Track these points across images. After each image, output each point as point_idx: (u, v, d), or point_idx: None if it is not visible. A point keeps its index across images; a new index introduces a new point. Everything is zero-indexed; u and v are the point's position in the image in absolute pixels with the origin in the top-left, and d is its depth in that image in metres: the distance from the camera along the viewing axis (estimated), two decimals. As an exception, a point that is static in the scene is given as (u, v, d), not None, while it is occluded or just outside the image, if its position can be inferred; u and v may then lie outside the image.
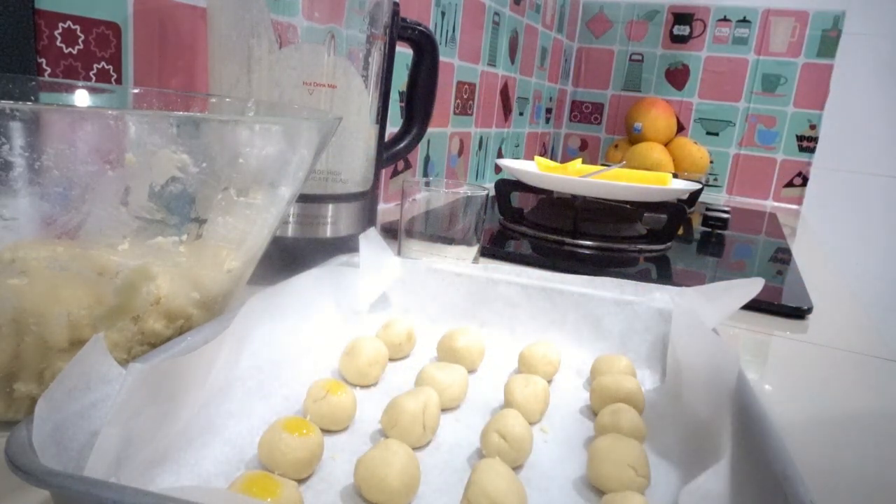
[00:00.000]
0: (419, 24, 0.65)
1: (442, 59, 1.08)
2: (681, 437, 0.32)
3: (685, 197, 0.89)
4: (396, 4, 0.59)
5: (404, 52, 0.84)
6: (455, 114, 1.18)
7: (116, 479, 0.22)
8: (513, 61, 1.39)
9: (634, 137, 1.55)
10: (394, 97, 0.96)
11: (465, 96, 1.21)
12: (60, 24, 0.49)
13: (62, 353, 0.28)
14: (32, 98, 0.42)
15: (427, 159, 1.12)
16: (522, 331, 0.43)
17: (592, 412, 0.36)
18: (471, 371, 0.40)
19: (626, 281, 0.43)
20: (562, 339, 0.42)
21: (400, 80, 0.93)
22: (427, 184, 0.59)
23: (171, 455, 0.26)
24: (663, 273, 0.75)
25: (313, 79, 0.51)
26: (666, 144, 1.54)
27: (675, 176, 1.35)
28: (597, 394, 0.36)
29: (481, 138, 1.32)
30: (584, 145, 1.84)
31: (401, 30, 0.62)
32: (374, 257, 0.44)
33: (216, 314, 0.34)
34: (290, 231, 0.55)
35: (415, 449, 0.31)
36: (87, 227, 0.28)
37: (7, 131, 0.23)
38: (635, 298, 0.42)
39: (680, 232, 0.98)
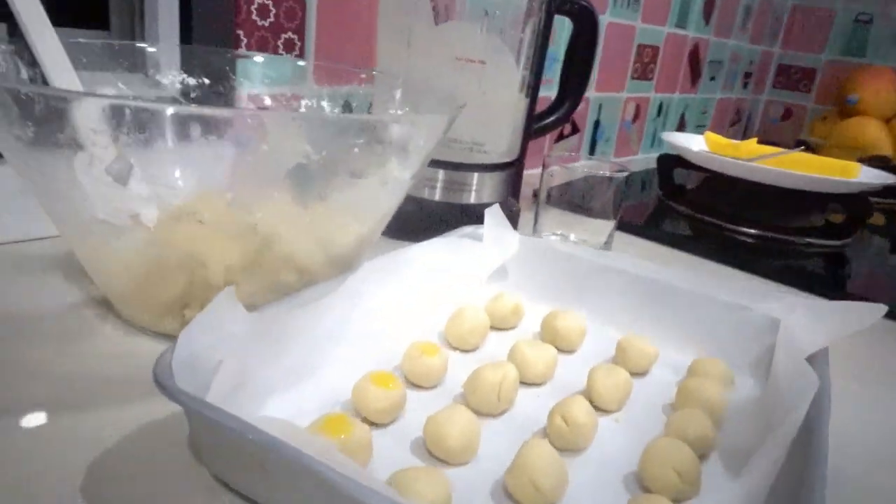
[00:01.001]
0: (580, -2, 0.64)
1: (620, 21, 1.04)
2: (751, 454, 0.31)
3: (877, 190, 0.78)
4: (557, -22, 0.59)
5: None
6: (633, 78, 1.14)
7: (232, 402, 0.28)
8: (707, 21, 1.29)
9: (847, 110, 1.37)
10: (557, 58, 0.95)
11: (646, 60, 1.15)
12: (256, 0, 0.57)
13: (219, 291, 0.36)
14: (228, 68, 0.50)
15: (597, 124, 1.11)
16: (627, 320, 0.44)
17: (674, 411, 0.36)
18: (569, 352, 0.42)
19: (742, 285, 0.41)
20: (665, 334, 0.42)
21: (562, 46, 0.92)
22: (567, 161, 0.60)
23: (279, 389, 0.32)
24: (832, 274, 0.69)
25: (465, 55, 0.54)
26: (887, 122, 1.34)
27: (887, 160, 1.18)
28: (681, 394, 0.36)
29: (661, 104, 1.26)
30: (787, 114, 1.66)
31: (560, 2, 0.62)
32: (496, 232, 0.47)
33: (343, 270, 0.40)
34: (437, 195, 0.60)
35: (489, 416, 0.34)
36: (242, 193, 0.34)
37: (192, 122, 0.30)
38: (750, 304, 0.40)
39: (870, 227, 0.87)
